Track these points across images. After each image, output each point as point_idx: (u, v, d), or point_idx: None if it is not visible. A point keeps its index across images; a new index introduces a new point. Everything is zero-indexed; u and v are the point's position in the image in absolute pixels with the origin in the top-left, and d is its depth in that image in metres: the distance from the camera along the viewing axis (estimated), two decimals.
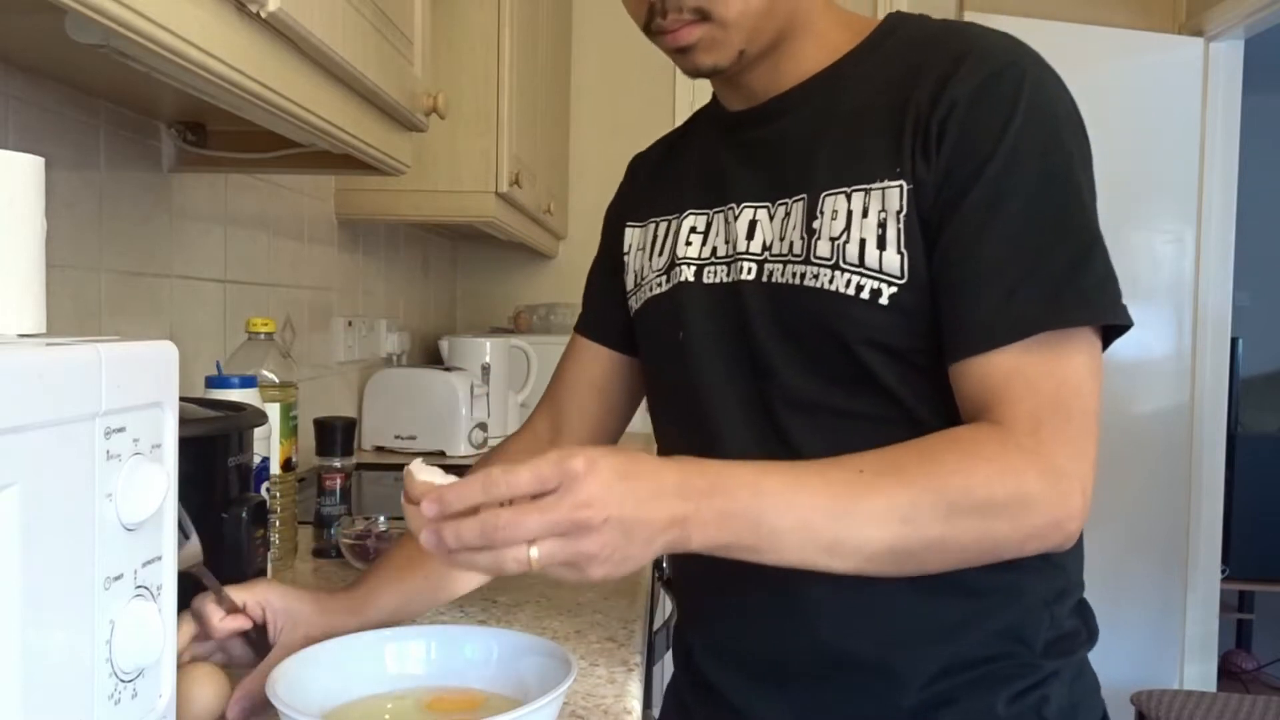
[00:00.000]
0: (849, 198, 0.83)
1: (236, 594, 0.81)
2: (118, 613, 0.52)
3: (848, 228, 0.83)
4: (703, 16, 0.85)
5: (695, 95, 3.20)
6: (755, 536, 0.69)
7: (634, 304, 1.02)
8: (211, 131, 1.35)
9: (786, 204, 0.88)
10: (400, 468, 2.19)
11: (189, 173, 1.42)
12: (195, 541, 0.75)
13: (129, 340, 0.54)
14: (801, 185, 0.87)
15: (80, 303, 1.20)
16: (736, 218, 0.91)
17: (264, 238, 1.73)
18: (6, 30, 0.92)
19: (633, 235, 1.04)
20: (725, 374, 0.90)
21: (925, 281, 0.81)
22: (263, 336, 1.24)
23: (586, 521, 0.63)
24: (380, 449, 2.23)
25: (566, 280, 3.24)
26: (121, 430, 0.52)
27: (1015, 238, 0.78)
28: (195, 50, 0.75)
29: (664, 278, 0.97)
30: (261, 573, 0.90)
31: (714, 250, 0.93)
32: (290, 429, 1.21)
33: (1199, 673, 3.26)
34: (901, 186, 0.81)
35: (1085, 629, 0.91)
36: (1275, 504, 3.69)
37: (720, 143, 0.97)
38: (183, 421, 0.59)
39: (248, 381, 1.10)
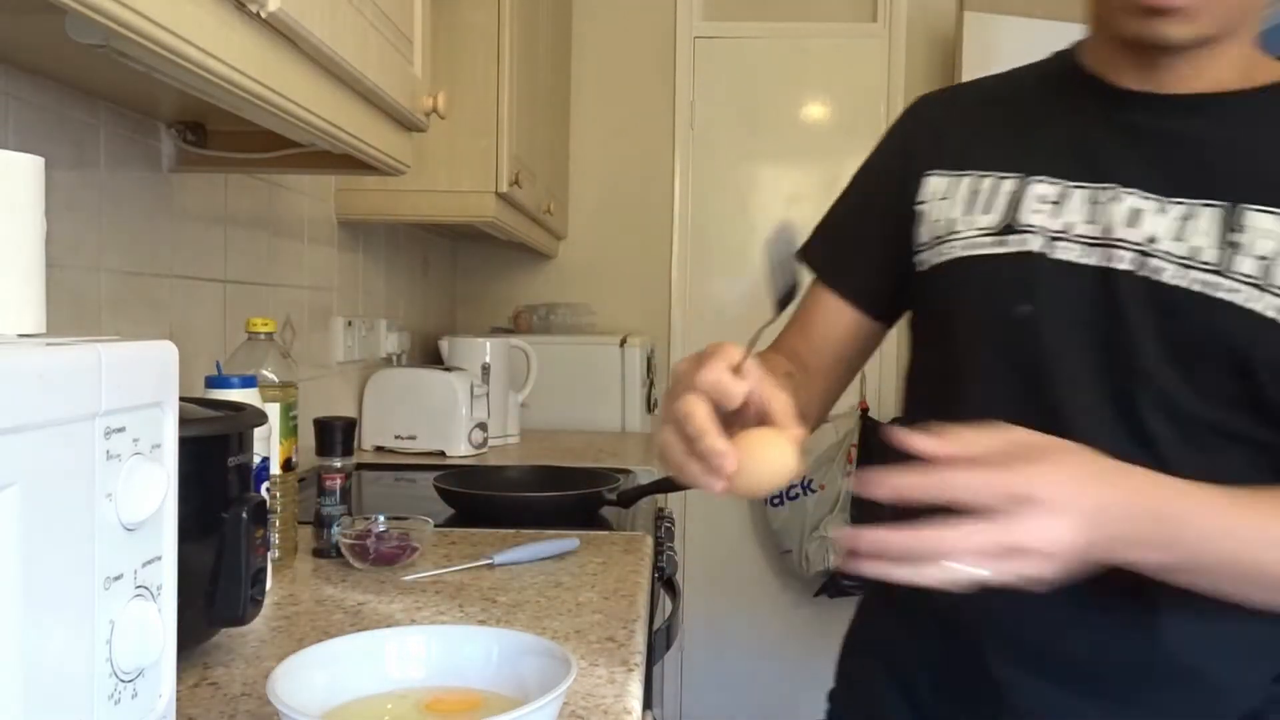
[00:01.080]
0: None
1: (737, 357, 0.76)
2: (118, 613, 0.52)
3: None
4: None
5: (696, 95, 3.20)
6: (1194, 565, 0.73)
7: (927, 258, 0.95)
8: (211, 131, 1.35)
9: (1188, 205, 0.84)
10: (400, 467, 2.19)
11: (189, 173, 1.42)
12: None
13: (129, 340, 0.54)
14: (1214, 192, 0.83)
15: (80, 303, 1.20)
16: (1115, 200, 0.86)
17: (264, 238, 1.73)
18: (6, 30, 0.92)
19: (937, 183, 0.96)
20: (1085, 364, 0.86)
21: None
22: (263, 336, 1.24)
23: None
24: (380, 449, 2.23)
25: (566, 280, 3.24)
26: (121, 430, 0.52)
27: None
28: (195, 50, 0.75)
29: (994, 239, 0.90)
30: (261, 572, 0.90)
31: (1069, 226, 0.88)
32: (290, 429, 1.21)
33: None
34: None
35: None
36: None
37: (1099, 115, 0.91)
38: (183, 421, 0.59)
39: (248, 381, 1.10)
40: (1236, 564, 0.74)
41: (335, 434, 1.28)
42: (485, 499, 1.55)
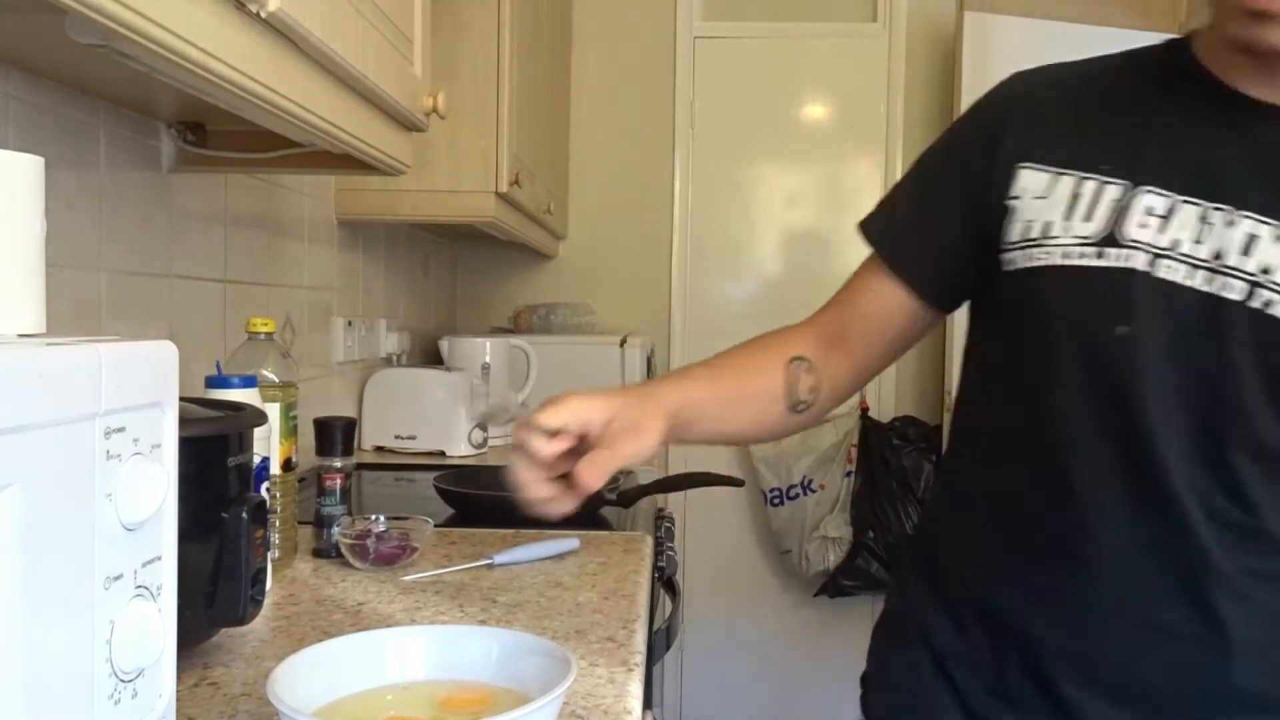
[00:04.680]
0: None
1: (552, 417, 0.82)
2: (118, 613, 0.52)
3: None
4: None
5: (696, 95, 3.20)
6: None
7: (1016, 259, 0.88)
8: (211, 131, 1.35)
9: None
10: (400, 467, 2.18)
11: (189, 173, 1.42)
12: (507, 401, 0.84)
13: (129, 340, 0.54)
14: None
15: (80, 303, 1.20)
16: (1230, 224, 0.81)
17: (264, 238, 1.73)
18: (6, 30, 0.92)
19: (1032, 179, 0.89)
20: (1177, 393, 0.81)
21: None
22: (263, 336, 1.24)
23: None
24: (380, 449, 2.23)
25: (566, 280, 3.24)
26: (121, 430, 0.52)
27: None
28: (195, 50, 0.75)
29: (1094, 250, 0.84)
30: (261, 572, 0.90)
31: (1175, 243, 0.82)
32: (290, 429, 1.21)
33: None
34: None
35: None
36: None
37: (1217, 125, 0.84)
38: (183, 421, 0.59)
39: (248, 381, 1.10)
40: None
41: (335, 434, 1.27)
42: (485, 499, 1.55)
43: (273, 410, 1.15)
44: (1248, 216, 0.80)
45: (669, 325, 3.21)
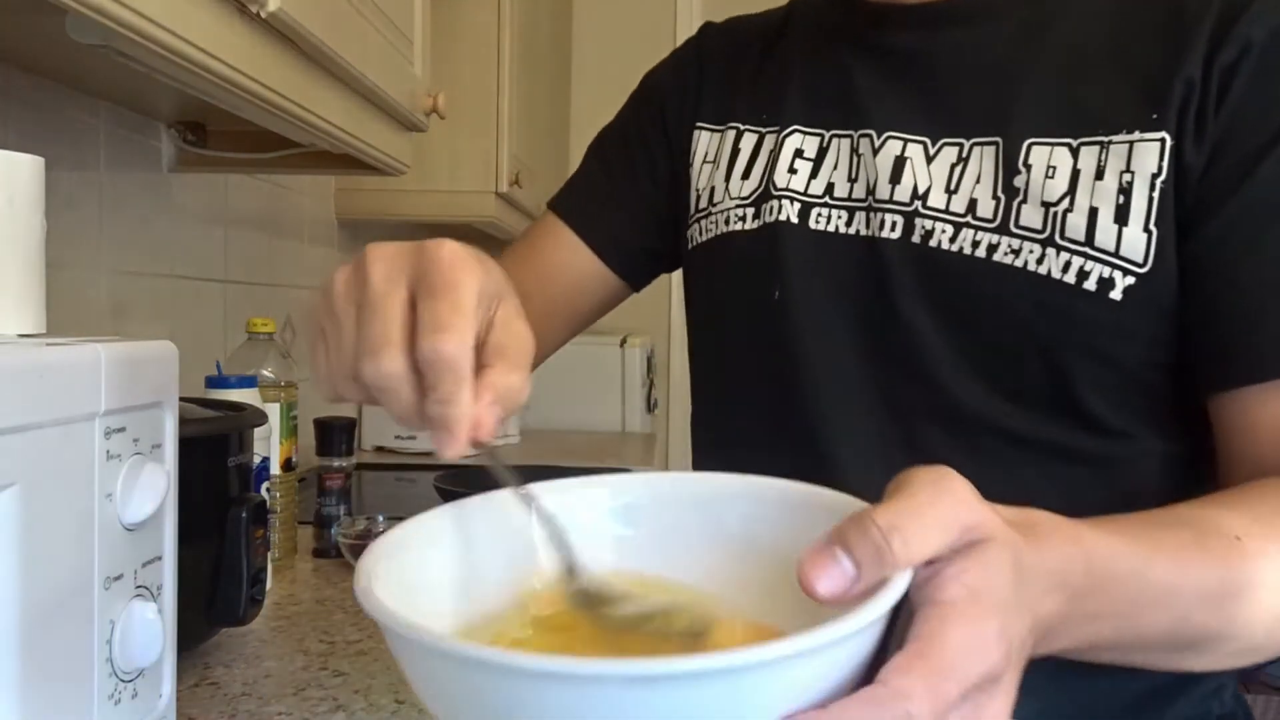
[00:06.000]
0: (1075, 153, 0.62)
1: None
2: (118, 613, 0.52)
3: (1071, 191, 0.62)
4: None
5: None
6: (1119, 639, 0.47)
7: (693, 233, 0.79)
8: (211, 131, 1.35)
9: (962, 146, 0.66)
10: (401, 467, 2.17)
11: (189, 173, 1.42)
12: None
13: (129, 340, 0.54)
14: (991, 124, 0.65)
15: (80, 303, 1.20)
16: (877, 151, 0.69)
17: (264, 238, 1.73)
18: (6, 30, 0.92)
19: (703, 141, 0.80)
20: (844, 361, 0.68)
21: (1175, 272, 0.61)
22: (263, 336, 1.24)
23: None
24: (380, 449, 2.23)
25: None
26: (121, 430, 0.52)
27: None
28: (195, 50, 0.75)
29: (750, 210, 0.74)
30: (261, 572, 0.90)
31: (831, 187, 0.71)
32: (290, 429, 1.21)
33: None
34: (1163, 141, 0.60)
35: (1243, 713, 0.73)
36: None
37: (848, 43, 0.73)
38: (183, 421, 0.59)
39: (248, 381, 1.10)
40: (1185, 639, 0.50)
41: (335, 434, 1.27)
42: None
43: (273, 410, 1.15)
44: (893, 137, 0.68)
45: (669, 325, 3.21)
